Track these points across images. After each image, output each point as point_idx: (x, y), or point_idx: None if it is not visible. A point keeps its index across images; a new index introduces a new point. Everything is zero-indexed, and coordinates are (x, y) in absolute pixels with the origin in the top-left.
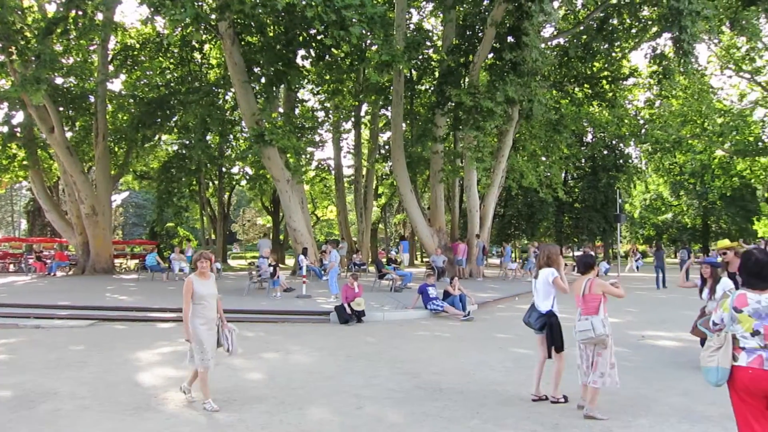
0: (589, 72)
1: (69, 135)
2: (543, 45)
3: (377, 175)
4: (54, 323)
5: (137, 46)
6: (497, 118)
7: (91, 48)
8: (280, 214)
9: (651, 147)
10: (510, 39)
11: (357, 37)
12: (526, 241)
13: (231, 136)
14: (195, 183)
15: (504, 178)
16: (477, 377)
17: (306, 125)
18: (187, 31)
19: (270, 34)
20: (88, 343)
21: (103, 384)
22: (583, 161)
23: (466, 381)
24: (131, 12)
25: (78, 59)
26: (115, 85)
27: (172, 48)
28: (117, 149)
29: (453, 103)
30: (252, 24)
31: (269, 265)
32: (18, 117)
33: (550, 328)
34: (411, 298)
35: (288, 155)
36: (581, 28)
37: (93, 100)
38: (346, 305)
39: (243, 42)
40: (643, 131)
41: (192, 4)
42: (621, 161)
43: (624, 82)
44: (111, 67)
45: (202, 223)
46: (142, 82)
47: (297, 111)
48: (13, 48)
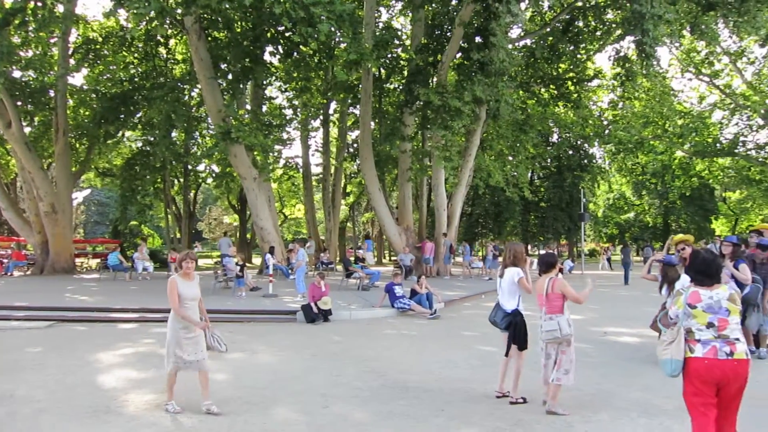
0: (555, 73)
1: (28, 130)
2: (510, 46)
3: (345, 174)
4: (10, 324)
5: (100, 39)
6: (465, 117)
7: (51, 41)
8: (247, 212)
9: (614, 147)
10: (478, 39)
11: (325, 35)
12: (493, 240)
13: (197, 133)
14: (160, 180)
15: (471, 177)
16: (443, 375)
17: (274, 123)
18: (152, 26)
19: (237, 29)
20: (46, 345)
21: (62, 386)
22: (549, 161)
23: (432, 379)
24: (94, 4)
25: (37, 52)
26: (77, 80)
27: (136, 42)
28: (78, 145)
29: (421, 102)
30: (219, 19)
31: (237, 264)
32: None
33: (514, 327)
34: (378, 296)
35: (255, 153)
36: (547, 29)
37: (53, 94)
38: (312, 304)
39: (209, 37)
40: (607, 132)
41: None
42: (585, 161)
43: (588, 83)
44: (72, 61)
45: (166, 222)
46: (105, 76)
47: (264, 108)
48: None
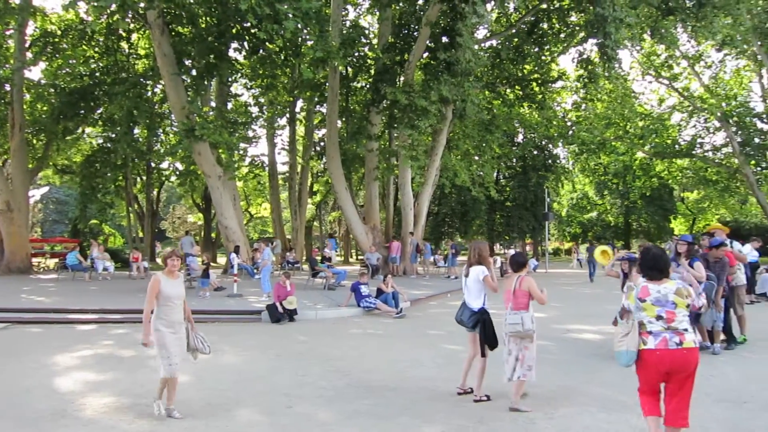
0: (520, 74)
1: None
2: (476, 46)
3: (312, 173)
4: None
5: (59, 32)
6: (431, 116)
7: (7, 33)
8: (211, 211)
9: (578, 148)
10: (444, 39)
11: (291, 32)
12: (459, 239)
13: (160, 130)
14: (121, 178)
15: (438, 176)
16: (408, 374)
17: (239, 120)
18: (113, 19)
19: (202, 25)
20: (0, 348)
21: (17, 390)
22: (514, 161)
23: (397, 378)
24: None
25: None
26: (34, 74)
27: (96, 36)
28: (35, 141)
29: (388, 101)
30: (183, 14)
31: (202, 263)
32: None
33: (483, 325)
34: (344, 296)
35: (220, 150)
36: (513, 31)
37: (9, 88)
38: (278, 304)
39: (173, 32)
40: (571, 132)
41: None
42: (550, 161)
43: (553, 84)
44: (29, 54)
45: (128, 220)
46: (63, 71)
47: (230, 105)
48: None
